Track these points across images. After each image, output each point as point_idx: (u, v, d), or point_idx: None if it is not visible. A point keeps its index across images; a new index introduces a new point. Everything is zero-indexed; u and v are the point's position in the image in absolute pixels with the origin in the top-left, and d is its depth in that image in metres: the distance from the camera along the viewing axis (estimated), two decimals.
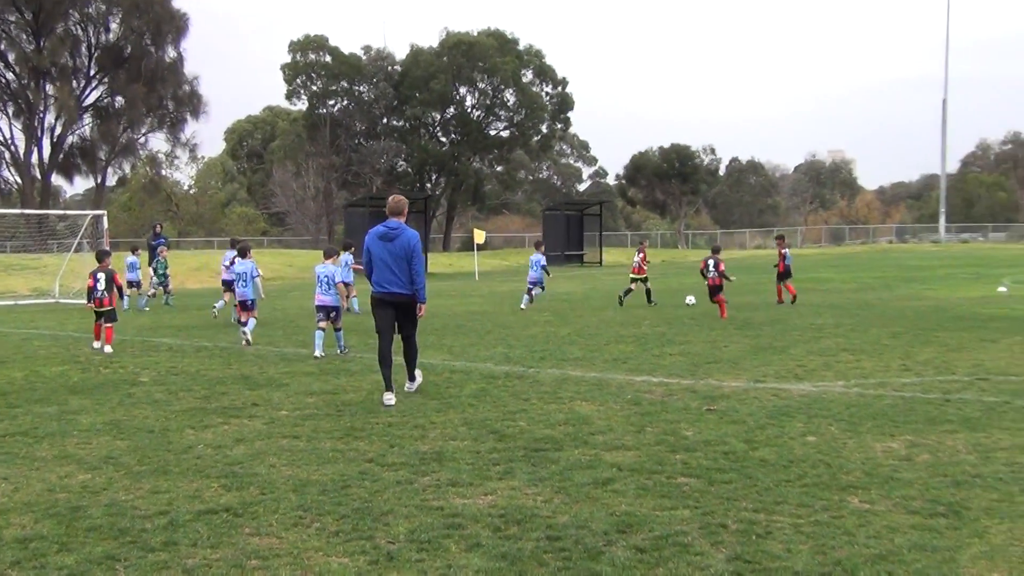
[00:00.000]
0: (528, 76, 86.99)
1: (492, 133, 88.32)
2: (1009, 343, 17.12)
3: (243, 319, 18.68)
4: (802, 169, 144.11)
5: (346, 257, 23.04)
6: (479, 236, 48.33)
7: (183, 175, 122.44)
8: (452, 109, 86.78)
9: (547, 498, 7.57)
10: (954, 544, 6.44)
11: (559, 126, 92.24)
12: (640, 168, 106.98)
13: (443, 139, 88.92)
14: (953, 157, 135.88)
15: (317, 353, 16.19)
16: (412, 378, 12.83)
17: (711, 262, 22.95)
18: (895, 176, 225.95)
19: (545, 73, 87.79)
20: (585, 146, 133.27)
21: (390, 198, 12.44)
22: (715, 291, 22.79)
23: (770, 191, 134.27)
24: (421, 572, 6.01)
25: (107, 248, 23.89)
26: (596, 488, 7.84)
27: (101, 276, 18.08)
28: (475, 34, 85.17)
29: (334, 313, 16.70)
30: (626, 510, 7.23)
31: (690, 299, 26.52)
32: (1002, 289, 31.20)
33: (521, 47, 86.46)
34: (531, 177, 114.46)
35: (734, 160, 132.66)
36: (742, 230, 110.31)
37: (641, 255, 27.51)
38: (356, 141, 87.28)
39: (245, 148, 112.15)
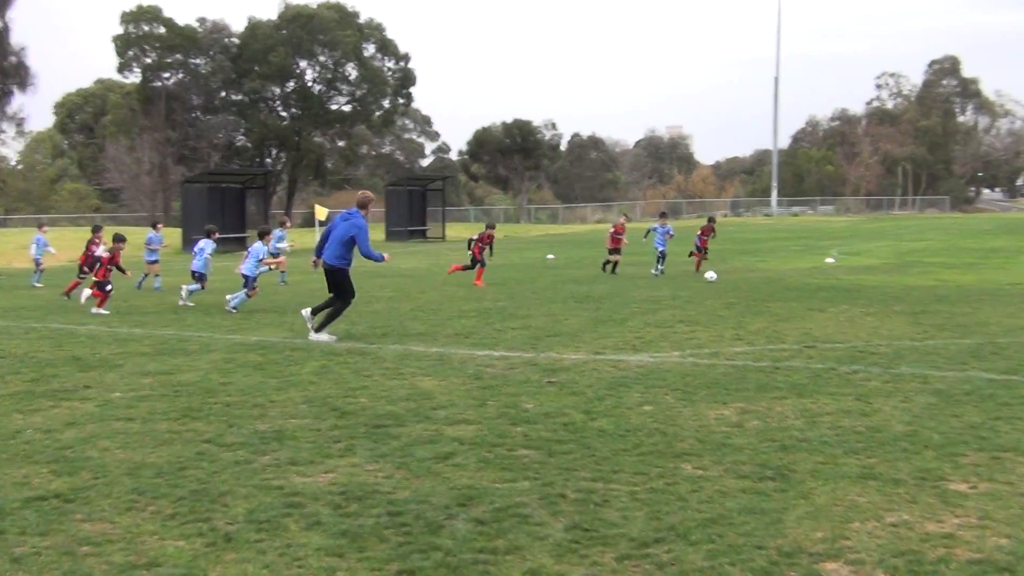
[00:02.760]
0: (370, 50, 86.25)
1: (334, 108, 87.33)
2: (835, 312, 17.82)
3: (250, 295, 19.73)
4: (642, 145, 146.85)
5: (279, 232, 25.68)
6: (321, 212, 47.55)
7: (10, 150, 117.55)
8: (292, 83, 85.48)
9: (388, 474, 7.58)
10: (781, 506, 6.70)
11: (401, 101, 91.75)
12: (483, 143, 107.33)
13: (283, 113, 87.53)
14: (784, 133, 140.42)
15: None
16: (317, 329, 15.17)
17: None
18: (730, 151, 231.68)
19: (387, 47, 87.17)
20: (428, 121, 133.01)
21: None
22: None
23: (610, 166, 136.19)
24: (260, 552, 5.95)
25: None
26: (437, 463, 7.88)
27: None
28: (315, 6, 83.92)
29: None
30: (467, 483, 7.29)
31: (711, 275, 25.97)
32: (830, 260, 32.42)
33: (362, 20, 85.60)
34: (374, 152, 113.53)
35: (575, 136, 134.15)
36: (583, 205, 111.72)
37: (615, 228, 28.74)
38: (193, 115, 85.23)
39: (75, 122, 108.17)
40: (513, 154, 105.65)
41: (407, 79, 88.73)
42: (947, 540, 6.04)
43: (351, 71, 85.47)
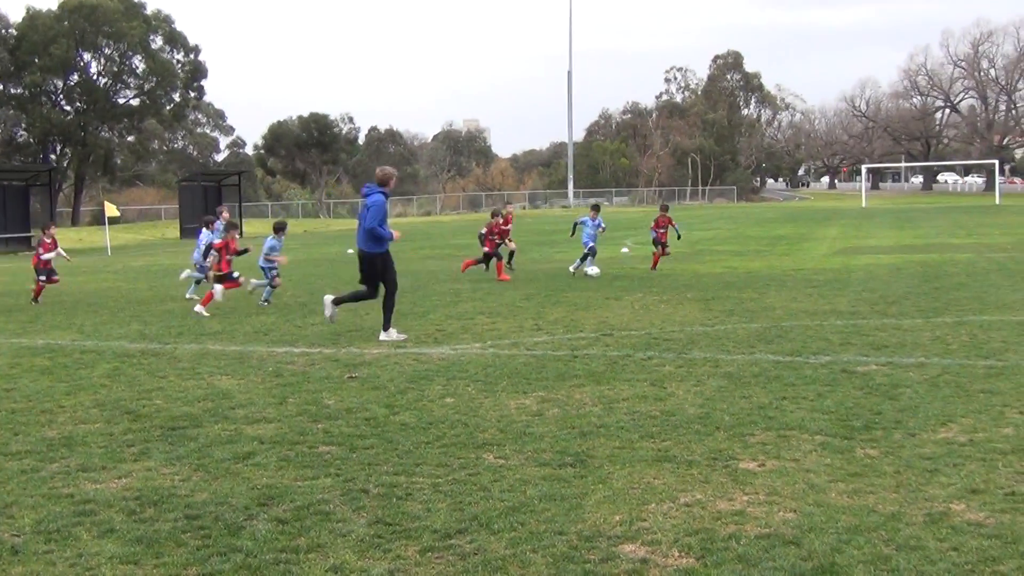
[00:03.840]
0: (158, 42, 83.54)
1: (121, 102, 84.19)
2: (631, 300, 18.29)
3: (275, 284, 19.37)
4: (440, 138, 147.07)
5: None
6: (111, 210, 46.02)
7: None
8: (76, 76, 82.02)
9: (185, 476, 7.39)
10: (580, 492, 6.84)
11: (192, 95, 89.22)
12: (279, 138, 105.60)
13: (68, 108, 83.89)
14: (579, 126, 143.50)
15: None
16: (384, 328, 14.26)
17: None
18: (527, 144, 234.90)
19: (176, 40, 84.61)
20: (222, 115, 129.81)
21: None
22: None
23: (409, 160, 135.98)
24: (50, 564, 5.71)
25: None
26: (236, 463, 7.72)
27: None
28: None
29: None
30: (267, 483, 7.17)
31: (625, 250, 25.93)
32: (624, 250, 33.20)
33: (149, 12, 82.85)
34: (165, 147, 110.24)
35: (373, 129, 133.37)
36: None
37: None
38: None
39: None
40: (310, 148, 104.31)
41: (198, 72, 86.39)
42: (737, 517, 6.28)
43: (138, 64, 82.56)
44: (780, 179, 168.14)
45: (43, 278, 20.52)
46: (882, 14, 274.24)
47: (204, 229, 20.63)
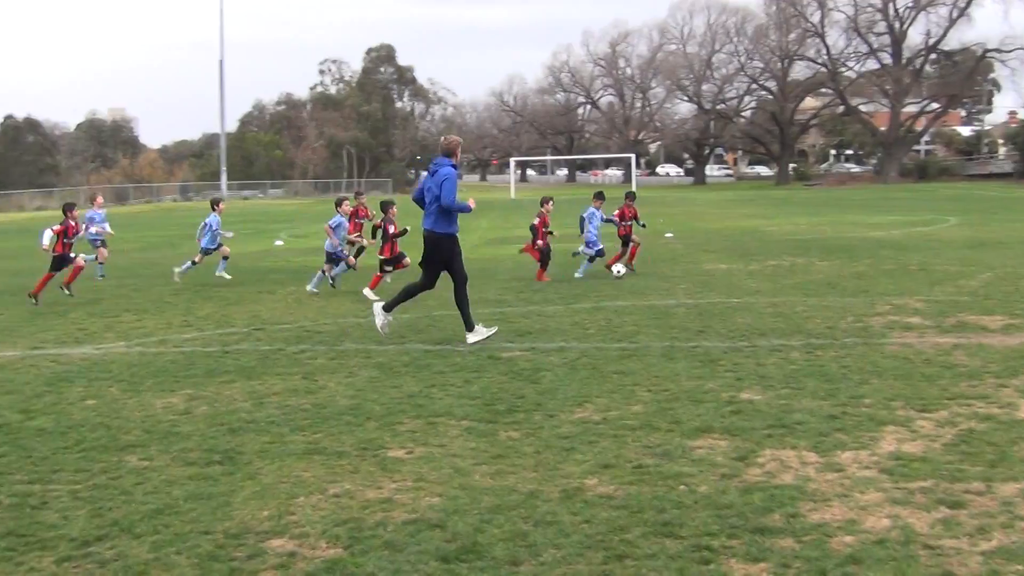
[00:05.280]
0: None
1: None
2: (284, 293, 18.16)
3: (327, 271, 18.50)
4: (83, 128, 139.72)
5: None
6: None
7: None
8: None
9: None
10: (229, 489, 6.75)
11: None
12: None
13: None
14: (232, 117, 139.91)
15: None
16: (468, 329, 12.53)
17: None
18: (178, 135, 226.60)
19: None
20: None
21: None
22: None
23: (50, 150, 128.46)
24: None
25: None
26: None
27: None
28: None
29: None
30: None
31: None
32: (278, 243, 32.89)
33: None
34: None
35: (9, 118, 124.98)
36: (20, 191, 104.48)
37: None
38: None
39: None
40: None
41: None
42: (385, 504, 6.40)
43: None
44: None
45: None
46: (528, 13, 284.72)
47: (212, 212, 21.13)
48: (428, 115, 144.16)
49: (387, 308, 12.85)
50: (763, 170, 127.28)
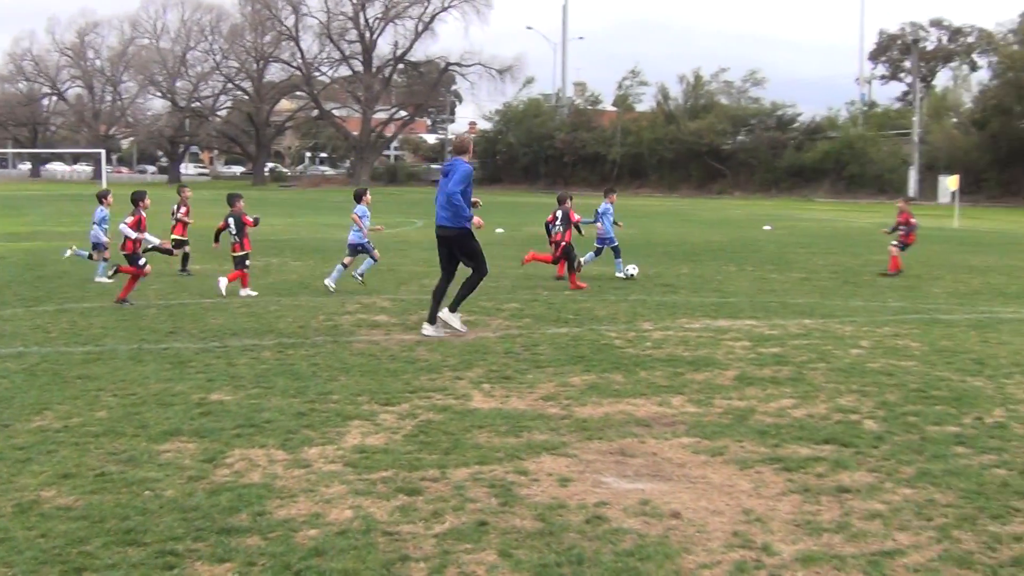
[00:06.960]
0: None
1: None
2: None
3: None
4: None
5: None
6: None
7: None
8: None
9: None
10: None
11: None
12: None
13: None
14: None
15: None
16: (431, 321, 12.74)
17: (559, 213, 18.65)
18: None
19: None
20: None
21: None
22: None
23: None
24: None
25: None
26: None
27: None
28: None
29: None
30: None
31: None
32: None
33: None
34: None
35: None
36: None
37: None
38: None
39: None
40: None
41: None
42: None
43: None
44: None
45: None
46: None
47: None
48: None
49: (453, 308, 12.80)
50: (240, 169, 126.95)
